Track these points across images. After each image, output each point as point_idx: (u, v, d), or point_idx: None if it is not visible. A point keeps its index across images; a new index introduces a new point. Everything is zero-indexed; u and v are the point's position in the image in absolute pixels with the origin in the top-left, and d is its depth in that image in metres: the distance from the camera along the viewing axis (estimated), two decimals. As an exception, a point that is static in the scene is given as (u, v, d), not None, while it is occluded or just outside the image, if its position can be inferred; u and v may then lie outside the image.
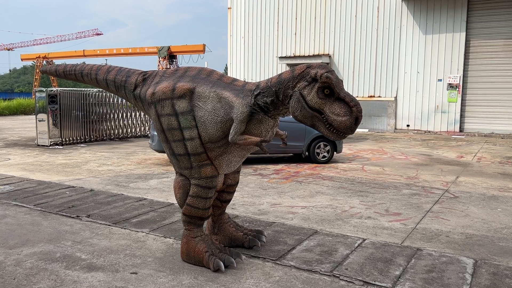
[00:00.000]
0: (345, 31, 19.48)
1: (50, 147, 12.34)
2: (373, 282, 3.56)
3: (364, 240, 4.57)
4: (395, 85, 18.53)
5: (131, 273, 3.71)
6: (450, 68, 17.43)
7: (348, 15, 19.37)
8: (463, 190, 7.11)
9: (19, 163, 9.48)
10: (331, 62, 19.70)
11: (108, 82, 4.25)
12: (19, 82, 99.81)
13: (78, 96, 13.33)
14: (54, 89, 12.86)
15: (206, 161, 3.73)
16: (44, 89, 12.61)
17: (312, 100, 3.31)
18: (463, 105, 17.40)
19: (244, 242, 4.22)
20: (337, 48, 19.69)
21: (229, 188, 4.19)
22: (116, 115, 14.71)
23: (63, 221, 5.16)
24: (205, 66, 4.00)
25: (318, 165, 9.49)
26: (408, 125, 18.37)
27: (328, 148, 9.78)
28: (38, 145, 12.66)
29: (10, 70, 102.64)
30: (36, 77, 55.17)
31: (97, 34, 63.16)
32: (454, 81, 17.34)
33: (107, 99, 14.32)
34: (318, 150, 9.75)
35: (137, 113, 15.64)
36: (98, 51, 48.87)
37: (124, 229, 4.88)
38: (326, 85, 3.28)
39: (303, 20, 20.42)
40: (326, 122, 3.33)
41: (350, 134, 3.31)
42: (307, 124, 3.47)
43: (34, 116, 13.14)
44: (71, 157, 10.44)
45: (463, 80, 17.28)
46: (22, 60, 57.17)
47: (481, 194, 6.83)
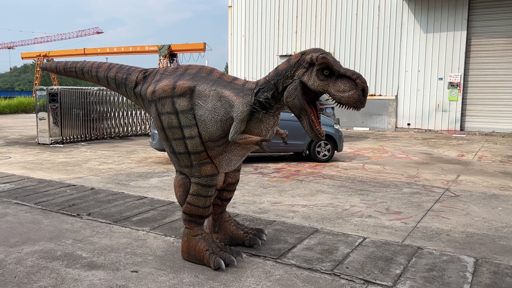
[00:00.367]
0: (346, 30, 19.45)
1: (51, 146, 12.35)
2: (374, 281, 3.56)
3: (365, 239, 4.57)
4: (396, 84, 18.51)
5: (132, 272, 3.71)
6: (451, 67, 17.41)
7: (349, 14, 19.34)
8: (464, 189, 7.10)
9: (20, 162, 9.49)
10: (332, 61, 19.65)
11: (109, 80, 4.24)
12: (20, 81, 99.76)
13: (79, 95, 13.32)
14: (55, 88, 12.86)
15: (206, 160, 3.73)
16: (45, 88, 12.61)
17: (314, 84, 3.28)
18: (464, 104, 17.38)
19: (245, 241, 4.22)
20: (338, 47, 19.65)
21: (230, 187, 4.19)
22: (117, 114, 14.69)
23: (64, 220, 5.16)
24: (206, 65, 3.99)
25: (319, 164, 9.49)
26: (409, 124, 18.35)
27: (329, 147, 9.77)
28: (39, 144, 12.66)
29: (11, 69, 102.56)
30: (37, 76, 55.14)
31: (98, 33, 63.08)
32: (455, 80, 17.31)
33: (108, 98, 14.30)
34: (319, 149, 9.74)
35: (138, 112, 15.63)
36: (99, 50, 48.83)
37: (125, 228, 4.88)
38: (324, 66, 3.24)
39: (304, 19, 20.39)
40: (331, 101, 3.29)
41: (362, 107, 3.20)
42: (294, 113, 3.46)
43: (35, 115, 13.14)
44: (72, 156, 10.45)
45: (464, 79, 17.26)
46: (23, 59, 57.16)
47: (482, 193, 6.83)
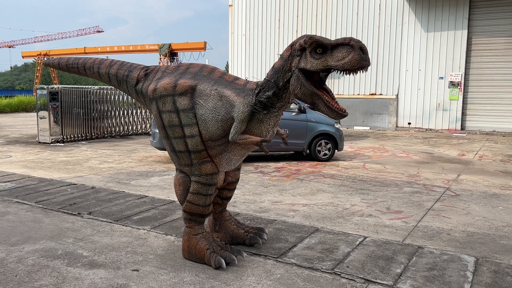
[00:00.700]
0: (347, 29, 19.44)
1: (51, 145, 12.35)
2: (374, 280, 3.56)
3: (365, 238, 4.57)
4: (397, 83, 18.50)
5: (133, 270, 3.72)
6: (452, 66, 17.39)
7: (350, 13, 19.33)
8: (465, 188, 7.10)
9: (21, 161, 9.50)
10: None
11: (110, 76, 4.24)
12: (20, 80, 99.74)
13: (79, 94, 13.32)
14: (55, 87, 12.85)
15: (207, 158, 3.73)
16: (45, 87, 12.60)
17: (313, 65, 3.25)
18: (465, 103, 17.37)
19: (245, 240, 4.23)
20: (339, 46, 19.60)
21: (230, 186, 4.19)
22: (117, 113, 14.69)
23: (65, 219, 5.16)
24: (207, 64, 3.99)
25: (319, 163, 9.49)
26: (410, 123, 18.34)
27: (329, 146, 9.77)
28: (39, 143, 12.67)
29: (11, 68, 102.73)
30: (37, 75, 55.13)
31: (98, 32, 63.05)
32: (456, 79, 17.30)
33: (108, 97, 14.30)
34: (319, 148, 9.74)
35: (138, 111, 15.63)
36: (99, 49, 48.81)
37: (126, 227, 4.89)
38: (315, 45, 3.23)
39: (305, 18, 20.37)
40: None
41: (368, 65, 3.13)
42: (307, 102, 3.41)
43: (35, 114, 13.14)
44: (72, 155, 10.45)
45: (465, 78, 17.25)
46: (23, 58, 57.16)
47: (483, 192, 6.82)
